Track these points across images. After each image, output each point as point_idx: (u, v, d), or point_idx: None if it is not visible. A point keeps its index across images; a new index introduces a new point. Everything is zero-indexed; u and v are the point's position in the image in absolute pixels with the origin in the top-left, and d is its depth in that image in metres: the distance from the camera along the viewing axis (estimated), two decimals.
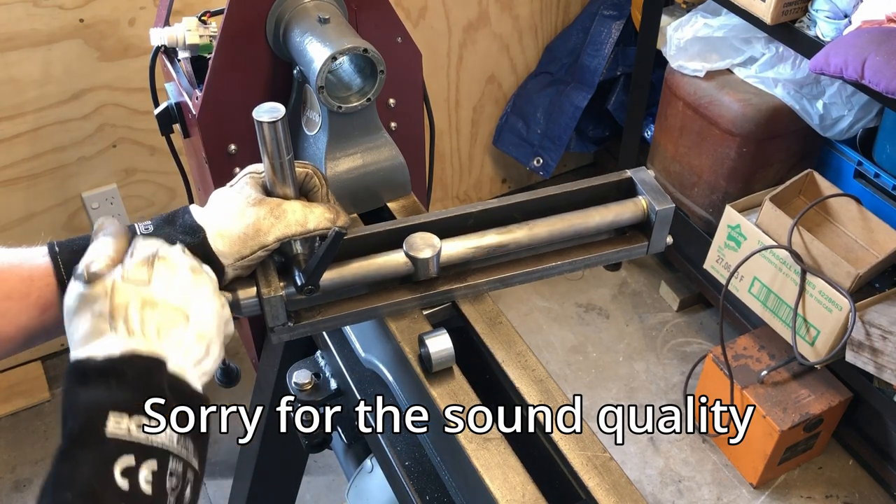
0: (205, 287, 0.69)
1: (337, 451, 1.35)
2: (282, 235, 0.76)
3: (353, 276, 0.83)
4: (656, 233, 0.92)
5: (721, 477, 2.20)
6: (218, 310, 0.70)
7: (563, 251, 0.92)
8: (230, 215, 0.76)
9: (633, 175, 0.92)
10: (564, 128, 2.55)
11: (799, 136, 2.06)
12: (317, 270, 0.78)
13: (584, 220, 0.90)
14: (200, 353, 0.67)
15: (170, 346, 0.64)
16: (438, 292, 0.89)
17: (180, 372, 0.64)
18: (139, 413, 0.59)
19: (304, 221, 0.77)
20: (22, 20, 1.80)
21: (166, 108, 1.35)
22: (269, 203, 0.77)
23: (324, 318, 0.84)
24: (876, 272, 1.84)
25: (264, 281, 0.78)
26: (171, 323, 0.65)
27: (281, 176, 0.78)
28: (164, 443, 0.59)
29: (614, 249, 0.93)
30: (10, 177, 2.00)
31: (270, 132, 0.74)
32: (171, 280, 0.67)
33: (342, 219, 0.81)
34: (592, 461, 0.76)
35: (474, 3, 2.39)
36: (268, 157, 0.76)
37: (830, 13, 1.73)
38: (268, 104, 0.75)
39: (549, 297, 2.70)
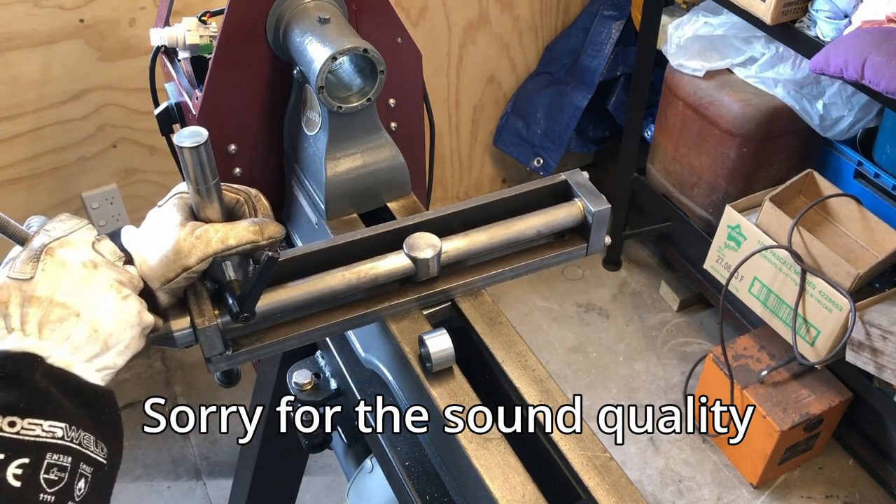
0: (98, 281, 0.68)
1: (337, 451, 1.35)
2: (203, 255, 0.74)
3: (290, 298, 0.81)
4: (594, 234, 0.93)
5: (721, 477, 2.20)
6: (116, 304, 0.68)
7: (504, 258, 0.92)
8: (154, 239, 0.76)
9: (569, 178, 0.93)
10: (564, 128, 2.55)
11: (799, 136, 2.06)
12: (251, 296, 0.76)
13: (523, 225, 0.90)
14: (95, 349, 0.66)
15: (53, 341, 0.64)
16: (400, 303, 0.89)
17: (65, 366, 0.64)
18: (12, 412, 0.59)
19: (226, 238, 0.75)
20: (22, 20, 1.80)
21: (166, 108, 1.35)
22: (190, 225, 0.75)
23: (263, 344, 0.82)
24: (876, 272, 1.84)
25: (197, 311, 0.77)
26: (54, 318, 0.65)
27: (207, 200, 0.76)
28: (41, 437, 0.59)
29: (554, 253, 0.94)
30: (10, 177, 2.00)
31: (193, 157, 0.72)
32: (57, 275, 0.66)
33: (270, 229, 0.77)
34: (592, 461, 0.76)
35: (474, 3, 2.39)
36: (192, 183, 0.75)
37: (830, 13, 1.73)
38: (189, 129, 0.73)
39: (549, 297, 2.70)
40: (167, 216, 0.77)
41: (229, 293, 0.77)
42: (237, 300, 0.76)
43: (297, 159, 1.15)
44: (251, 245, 0.76)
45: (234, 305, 0.77)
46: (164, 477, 2.19)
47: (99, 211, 2.15)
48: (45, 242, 0.68)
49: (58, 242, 0.68)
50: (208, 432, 2.30)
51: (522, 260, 0.93)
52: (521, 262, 0.92)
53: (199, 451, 2.25)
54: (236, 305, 0.76)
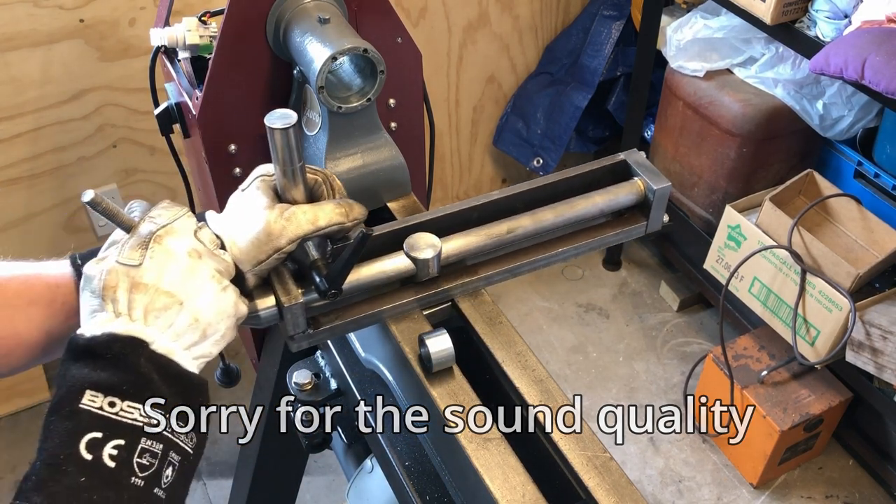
0: (202, 272, 0.69)
1: (337, 451, 1.35)
2: (294, 236, 0.76)
3: (369, 277, 0.83)
4: (654, 211, 0.94)
5: (721, 477, 2.20)
6: (216, 294, 0.70)
7: (565, 237, 0.93)
8: (242, 221, 0.77)
9: (627, 157, 0.94)
10: (564, 128, 2.55)
11: (799, 136, 2.06)
12: (342, 273, 0.77)
13: (587, 203, 0.91)
14: (194, 337, 0.68)
15: (157, 328, 0.66)
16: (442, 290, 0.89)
17: (167, 353, 0.66)
18: (115, 392, 0.61)
19: (315, 220, 0.77)
20: (22, 20, 1.80)
21: (166, 109, 1.35)
22: (279, 207, 0.77)
23: (342, 321, 0.83)
24: (876, 272, 1.84)
25: (282, 289, 0.78)
26: (159, 305, 0.66)
27: (292, 181, 0.77)
28: (138, 421, 0.61)
29: (614, 232, 0.94)
30: (10, 177, 2.00)
31: (283, 139, 0.73)
32: (164, 263, 0.67)
33: (356, 211, 0.80)
34: (592, 461, 0.76)
35: (474, 3, 2.39)
36: (279, 164, 0.76)
37: (830, 13, 1.73)
38: (280, 111, 0.74)
39: (549, 297, 2.70)
40: (254, 199, 0.78)
41: (315, 272, 0.78)
42: (325, 278, 0.77)
43: None
44: (338, 226, 0.78)
45: (321, 283, 0.77)
46: None
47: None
48: (153, 230, 0.69)
49: (165, 230, 0.69)
50: (208, 432, 2.29)
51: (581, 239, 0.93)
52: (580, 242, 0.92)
53: None
54: (324, 283, 0.77)
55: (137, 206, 0.75)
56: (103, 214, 0.70)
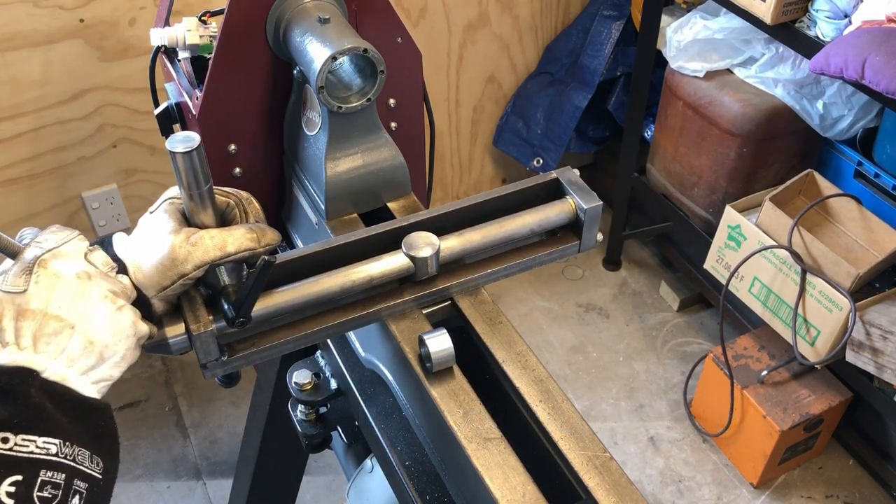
0: (93, 293, 0.67)
1: (337, 451, 1.35)
2: (200, 262, 0.73)
3: (285, 302, 0.81)
4: (587, 231, 0.93)
5: (721, 477, 2.20)
6: (110, 315, 0.67)
7: (497, 257, 0.93)
8: (147, 246, 0.75)
9: (560, 176, 0.93)
10: (564, 128, 2.55)
11: (799, 136, 2.06)
12: (247, 301, 0.75)
13: (516, 223, 0.90)
14: (90, 361, 0.66)
15: (48, 354, 0.64)
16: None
17: (60, 380, 0.64)
18: (6, 427, 0.58)
19: (223, 245, 0.74)
20: (22, 20, 1.80)
21: (166, 108, 1.35)
22: (185, 231, 0.74)
23: (258, 348, 0.82)
24: (876, 272, 1.84)
25: (192, 316, 0.76)
26: (49, 331, 0.64)
27: (200, 205, 0.75)
28: (35, 453, 0.59)
29: (547, 251, 0.94)
30: (10, 177, 2.00)
31: (186, 162, 0.71)
32: (51, 287, 0.65)
33: (268, 236, 0.77)
34: (592, 461, 0.76)
35: (474, 3, 2.39)
36: (185, 188, 0.74)
37: (830, 13, 1.73)
38: (182, 133, 0.72)
39: (549, 297, 2.70)
40: (160, 223, 0.76)
41: (224, 299, 0.77)
42: (233, 305, 0.76)
43: (297, 159, 1.15)
44: (248, 252, 0.75)
45: (229, 311, 0.76)
46: (164, 477, 2.19)
47: (99, 211, 2.15)
48: (38, 255, 0.67)
49: (51, 254, 0.67)
50: (208, 432, 2.30)
51: (515, 258, 0.93)
52: (513, 261, 0.92)
53: (199, 451, 2.25)
54: (232, 311, 0.76)
55: (30, 232, 0.72)
56: None
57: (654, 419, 2.33)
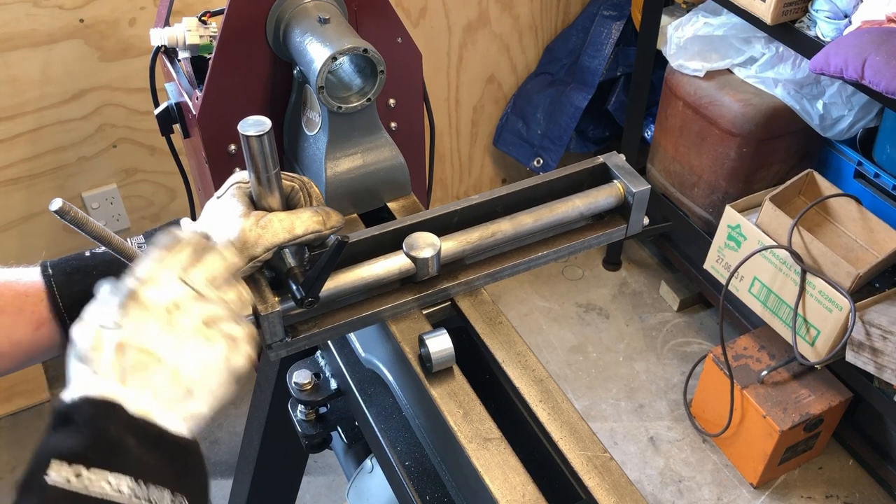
0: (181, 325, 0.66)
1: (337, 451, 1.35)
2: (270, 245, 0.75)
3: (350, 284, 0.82)
4: (634, 214, 0.94)
5: (721, 477, 2.20)
6: (199, 349, 0.66)
7: (546, 241, 0.94)
8: (217, 229, 0.76)
9: (607, 160, 0.94)
10: (564, 128, 2.55)
11: (799, 136, 2.06)
12: (318, 281, 0.76)
13: (567, 207, 0.91)
14: (177, 394, 0.64)
15: (134, 387, 0.63)
16: (436, 291, 0.89)
17: (144, 414, 0.62)
18: (79, 460, 0.57)
19: (292, 228, 0.76)
20: (22, 20, 1.80)
21: (166, 108, 1.35)
22: (255, 215, 0.76)
23: (321, 329, 0.83)
24: (876, 272, 1.84)
25: (259, 298, 0.77)
26: (137, 365, 0.63)
27: (268, 189, 0.77)
28: (106, 491, 0.57)
29: (595, 234, 0.95)
30: (10, 177, 2.00)
31: (258, 146, 0.73)
32: (140, 321, 0.64)
33: (333, 219, 0.79)
34: (592, 461, 0.76)
35: (474, 3, 2.39)
36: (254, 171, 0.75)
37: (830, 13, 1.73)
38: (253, 117, 0.73)
39: (549, 297, 2.70)
40: (229, 206, 0.77)
41: (292, 280, 0.77)
42: (302, 285, 0.76)
43: (297, 159, 1.15)
44: (315, 234, 0.77)
45: (298, 291, 0.76)
46: None
47: (99, 211, 2.15)
48: (132, 287, 0.66)
49: (142, 284, 0.66)
50: (208, 432, 2.30)
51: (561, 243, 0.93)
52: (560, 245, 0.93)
53: None
54: (300, 291, 0.76)
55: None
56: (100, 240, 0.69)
57: (654, 419, 2.33)
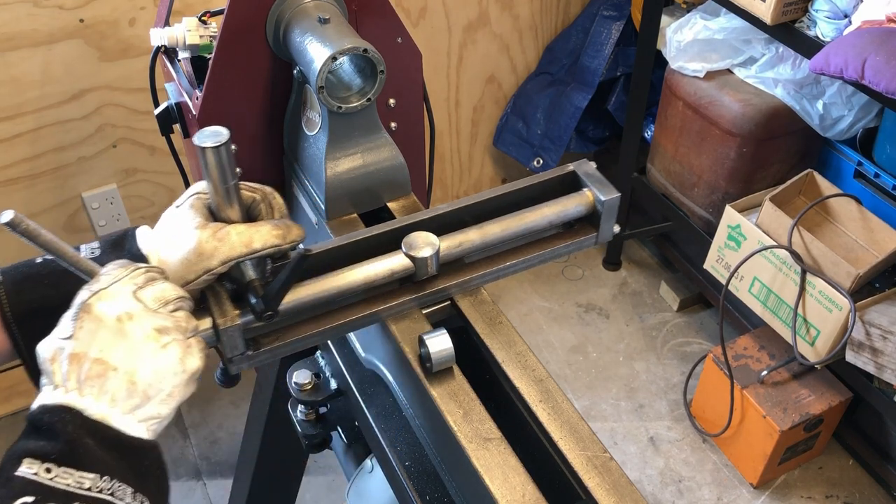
0: (134, 333, 0.67)
1: (337, 451, 1.35)
2: (226, 258, 0.74)
3: (310, 297, 0.81)
4: (604, 223, 0.94)
5: (721, 477, 2.20)
6: (153, 354, 0.68)
7: (514, 250, 0.93)
8: (172, 241, 0.75)
9: (577, 168, 0.94)
10: (564, 128, 2.55)
11: (799, 136, 2.06)
12: (278, 294, 0.75)
13: (536, 216, 0.91)
14: (135, 400, 0.67)
15: (92, 395, 0.65)
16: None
17: (102, 419, 0.65)
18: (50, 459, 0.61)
19: (249, 242, 0.75)
20: (22, 20, 1.80)
21: (166, 108, 1.35)
22: (212, 227, 0.75)
23: (283, 342, 0.82)
24: (876, 272, 1.84)
25: (218, 311, 0.76)
26: (93, 374, 0.65)
27: (227, 200, 0.76)
28: (71, 486, 0.61)
29: (565, 243, 0.94)
30: (10, 177, 2.00)
31: (214, 158, 0.72)
32: (93, 331, 0.66)
33: (293, 233, 0.78)
34: (592, 461, 0.76)
35: (474, 3, 2.39)
36: (212, 183, 0.74)
37: (830, 13, 1.73)
38: (210, 128, 0.72)
39: (549, 297, 2.70)
40: (186, 217, 0.76)
41: (251, 293, 0.77)
42: (262, 299, 0.76)
43: (297, 159, 1.15)
44: (274, 248, 0.76)
45: (258, 304, 0.76)
46: None
47: (99, 211, 2.15)
48: (85, 299, 0.68)
49: (95, 297, 0.68)
50: (208, 432, 2.30)
51: (531, 252, 0.93)
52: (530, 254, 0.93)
53: (199, 451, 2.25)
54: (261, 304, 0.76)
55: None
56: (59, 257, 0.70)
57: (653, 419, 2.33)
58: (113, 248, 0.78)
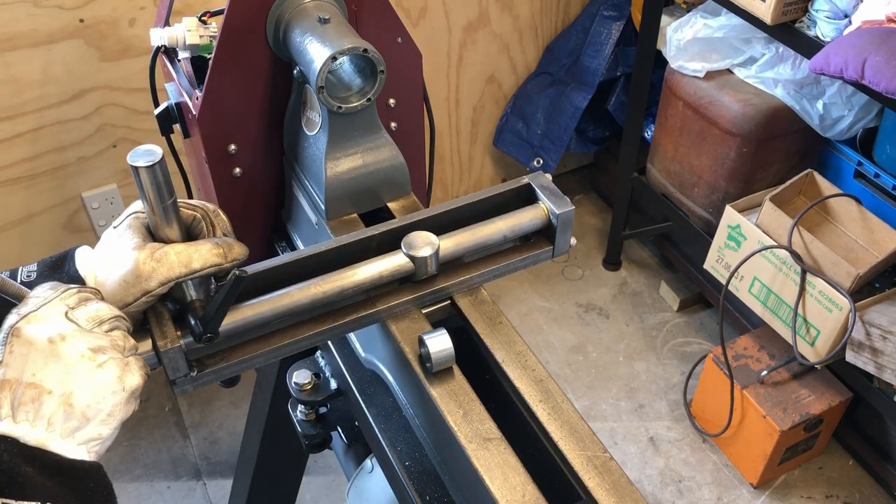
0: (67, 354, 0.65)
1: (337, 451, 1.35)
2: (164, 279, 0.72)
3: (254, 316, 0.80)
4: (559, 236, 0.92)
5: (721, 477, 2.20)
6: (89, 374, 0.65)
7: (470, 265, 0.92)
8: (110, 262, 0.74)
9: (532, 181, 0.93)
10: (564, 128, 2.55)
11: (799, 136, 2.06)
12: (216, 317, 0.74)
13: (490, 230, 0.90)
14: (73, 423, 0.65)
15: (27, 422, 0.63)
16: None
17: (39, 444, 0.63)
18: None
19: (189, 261, 0.73)
20: (22, 20, 1.80)
21: (166, 108, 1.35)
22: (150, 247, 0.73)
23: (228, 363, 0.81)
24: (876, 272, 1.84)
25: (159, 332, 0.75)
26: (26, 399, 0.63)
27: (164, 219, 0.74)
28: None
29: (521, 257, 0.94)
30: (10, 177, 2.00)
31: (149, 177, 0.70)
32: (24, 355, 0.64)
33: (235, 251, 0.76)
34: (592, 461, 0.76)
35: (474, 3, 2.39)
36: (149, 202, 0.73)
37: (830, 13, 1.73)
38: (143, 146, 0.71)
39: (549, 297, 2.70)
40: (124, 238, 0.75)
41: (191, 314, 0.75)
42: (200, 321, 0.74)
43: (297, 159, 1.15)
44: (215, 268, 0.74)
45: (196, 326, 0.75)
46: (164, 477, 2.19)
47: (99, 211, 2.15)
48: (13, 322, 0.65)
49: (24, 320, 0.65)
50: (208, 432, 2.30)
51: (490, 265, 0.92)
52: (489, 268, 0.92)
53: (199, 451, 2.25)
54: (199, 326, 0.74)
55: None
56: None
57: (654, 419, 2.33)
58: (51, 270, 0.76)
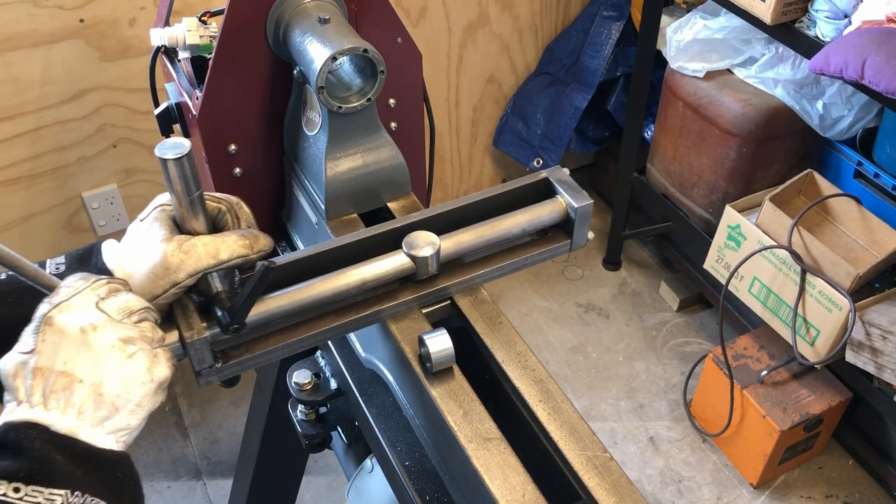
0: (98, 344, 0.66)
1: (337, 451, 1.35)
2: (193, 270, 0.73)
3: (279, 307, 0.80)
4: (577, 229, 0.93)
5: (721, 477, 2.20)
6: (119, 364, 0.67)
7: (492, 257, 0.93)
8: (138, 255, 0.74)
9: (550, 175, 0.93)
10: (564, 128, 2.55)
11: (799, 136, 2.06)
12: (243, 308, 0.74)
13: (509, 223, 0.90)
14: (103, 412, 0.66)
15: (58, 409, 0.64)
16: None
17: (69, 433, 0.64)
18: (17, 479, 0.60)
19: (216, 253, 0.74)
20: (22, 20, 1.80)
21: (166, 108, 1.35)
22: (177, 239, 0.74)
23: (253, 354, 0.82)
24: (876, 272, 1.84)
25: (185, 324, 0.75)
26: (58, 387, 0.64)
27: (191, 212, 0.75)
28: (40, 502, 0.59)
29: (539, 251, 0.94)
30: (10, 177, 2.00)
31: (177, 169, 0.71)
32: (56, 344, 0.65)
33: (261, 242, 0.77)
34: (592, 461, 0.76)
35: (474, 3, 2.39)
36: (176, 195, 0.74)
37: (830, 13, 1.73)
38: (171, 140, 0.72)
39: (549, 297, 2.70)
40: (151, 230, 0.75)
41: (218, 305, 0.76)
42: (227, 312, 0.75)
43: (297, 159, 1.15)
44: (241, 259, 0.75)
45: (223, 317, 0.75)
46: (164, 477, 2.19)
47: (99, 211, 2.15)
48: (45, 311, 0.67)
49: (56, 309, 0.67)
50: (208, 432, 2.30)
51: (506, 259, 0.93)
52: (505, 262, 0.92)
53: (199, 451, 2.25)
54: (226, 317, 0.75)
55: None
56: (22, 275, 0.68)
57: (653, 419, 2.33)
58: (78, 263, 0.77)
